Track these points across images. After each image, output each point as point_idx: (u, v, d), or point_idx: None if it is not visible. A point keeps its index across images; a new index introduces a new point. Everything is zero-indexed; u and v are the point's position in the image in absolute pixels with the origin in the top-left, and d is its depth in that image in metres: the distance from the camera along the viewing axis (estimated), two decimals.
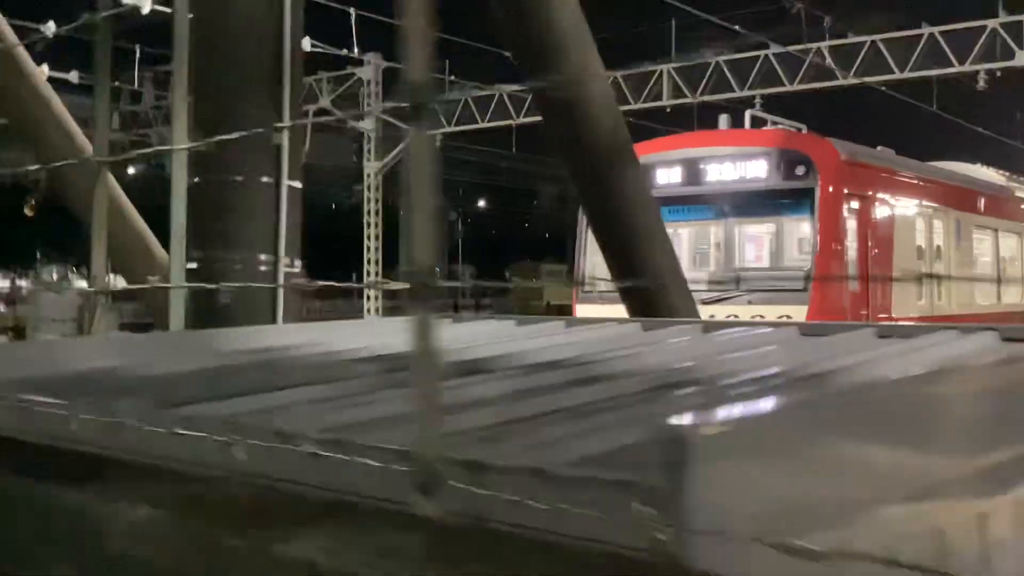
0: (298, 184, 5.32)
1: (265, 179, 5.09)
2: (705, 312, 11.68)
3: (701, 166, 12.49)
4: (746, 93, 24.39)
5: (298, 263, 5.31)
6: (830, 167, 11.98)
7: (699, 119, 24.10)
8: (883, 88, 24.46)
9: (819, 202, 11.79)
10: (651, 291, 5.99)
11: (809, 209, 12.04)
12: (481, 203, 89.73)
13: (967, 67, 22.68)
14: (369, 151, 26.12)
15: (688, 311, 6.03)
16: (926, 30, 23.09)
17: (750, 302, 11.66)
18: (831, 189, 11.87)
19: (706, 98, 25.00)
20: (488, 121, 27.83)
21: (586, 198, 6.14)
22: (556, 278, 78.54)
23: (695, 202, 12.95)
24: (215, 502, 1.61)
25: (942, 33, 22.90)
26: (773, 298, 11.63)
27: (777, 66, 24.49)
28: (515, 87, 25.27)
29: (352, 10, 24.66)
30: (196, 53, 5.37)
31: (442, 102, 25.28)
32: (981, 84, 22.63)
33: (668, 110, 25.58)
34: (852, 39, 24.09)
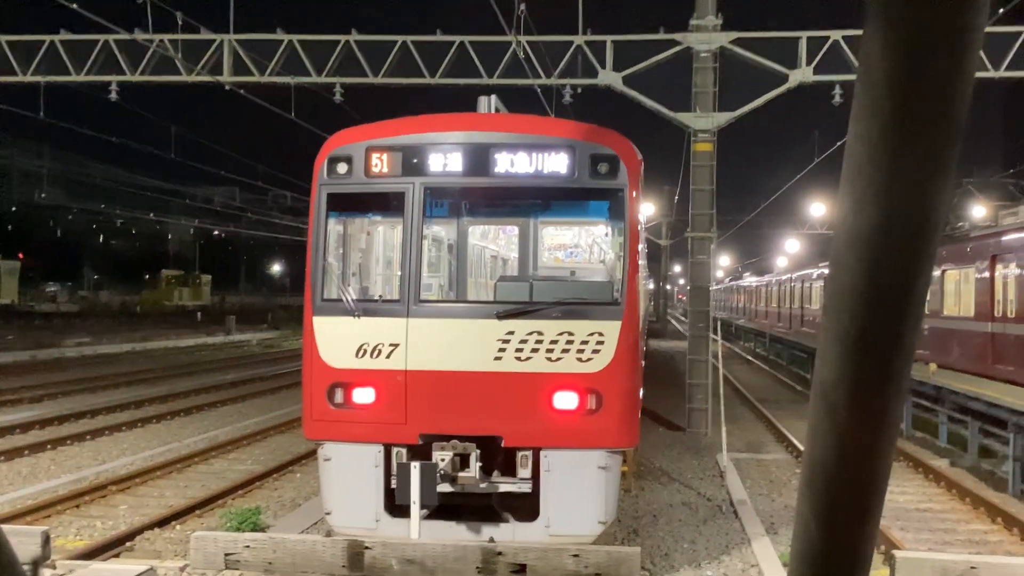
0: None
1: None
2: (502, 328, 9.61)
3: (491, 155, 10.16)
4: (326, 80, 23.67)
5: None
6: (634, 166, 10.35)
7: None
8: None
9: (628, 204, 10.10)
10: None
11: (616, 212, 10.32)
12: None
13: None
14: None
15: None
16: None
17: (555, 316, 9.73)
18: (635, 193, 10.24)
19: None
20: None
21: None
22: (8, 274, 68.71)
23: (479, 198, 10.89)
24: None
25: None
26: (582, 312, 9.79)
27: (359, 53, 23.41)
28: None
29: None
30: None
31: None
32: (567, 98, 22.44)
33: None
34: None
